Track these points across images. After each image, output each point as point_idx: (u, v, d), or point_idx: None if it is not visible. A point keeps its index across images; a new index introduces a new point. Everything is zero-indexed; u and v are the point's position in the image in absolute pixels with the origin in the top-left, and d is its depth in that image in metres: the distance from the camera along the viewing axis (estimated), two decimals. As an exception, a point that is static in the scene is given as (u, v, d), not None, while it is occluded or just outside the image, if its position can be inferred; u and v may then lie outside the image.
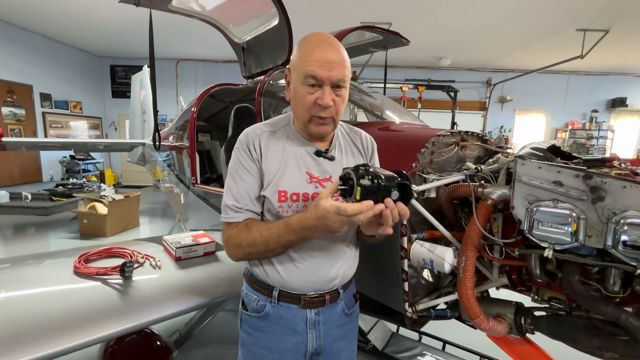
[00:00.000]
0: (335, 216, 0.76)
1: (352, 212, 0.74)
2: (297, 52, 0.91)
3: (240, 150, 0.97)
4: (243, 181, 0.95)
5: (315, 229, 0.83)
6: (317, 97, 0.88)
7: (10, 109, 6.92)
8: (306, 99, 0.89)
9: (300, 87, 0.89)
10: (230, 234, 0.95)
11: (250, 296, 1.03)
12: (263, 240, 0.90)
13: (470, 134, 1.52)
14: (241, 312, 1.06)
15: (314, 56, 0.86)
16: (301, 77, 0.88)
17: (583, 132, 9.17)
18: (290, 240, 0.89)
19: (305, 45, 0.90)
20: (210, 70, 9.30)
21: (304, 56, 0.88)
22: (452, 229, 1.30)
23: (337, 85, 0.89)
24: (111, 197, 4.96)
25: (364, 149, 1.08)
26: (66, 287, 1.32)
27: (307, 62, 0.87)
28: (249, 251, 0.93)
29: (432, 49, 7.69)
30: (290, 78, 0.94)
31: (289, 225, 0.86)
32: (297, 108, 0.94)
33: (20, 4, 5.80)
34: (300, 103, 0.91)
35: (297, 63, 0.90)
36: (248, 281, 1.06)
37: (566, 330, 1.03)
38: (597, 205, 0.88)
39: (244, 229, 0.93)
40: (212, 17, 2.64)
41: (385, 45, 2.95)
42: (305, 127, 0.95)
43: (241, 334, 1.06)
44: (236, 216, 0.95)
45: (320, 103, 0.88)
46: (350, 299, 1.10)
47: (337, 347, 1.05)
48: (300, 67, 0.89)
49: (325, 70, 0.86)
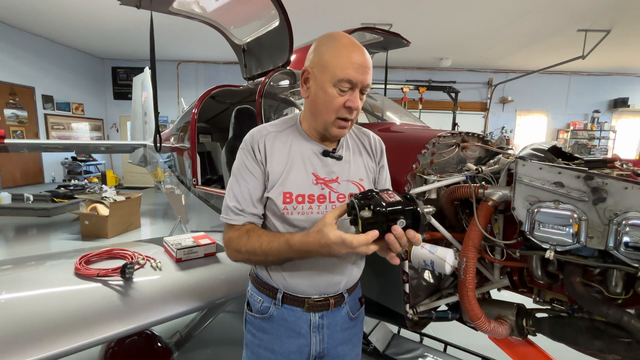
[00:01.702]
0: (341, 246, 0.76)
1: (358, 244, 0.74)
2: (327, 50, 0.89)
3: (245, 151, 0.96)
4: (246, 182, 0.94)
5: (317, 253, 0.83)
6: (346, 99, 0.88)
7: (12, 110, 6.95)
8: (336, 100, 0.88)
9: (331, 89, 0.88)
10: (231, 237, 0.94)
11: (255, 297, 1.02)
12: (262, 251, 0.89)
13: (471, 135, 1.52)
14: (246, 312, 1.05)
15: (351, 60, 0.86)
16: (334, 79, 0.87)
17: (585, 132, 9.14)
18: (291, 257, 0.89)
19: (337, 47, 0.88)
20: (211, 72, 9.32)
21: (339, 58, 0.86)
22: (452, 230, 1.30)
23: (363, 91, 0.90)
24: (112, 198, 4.97)
25: (373, 151, 1.07)
26: (67, 289, 1.32)
27: (344, 65, 0.86)
28: (247, 257, 0.93)
29: (433, 49, 7.69)
30: (314, 77, 0.91)
31: (290, 245, 0.86)
32: (320, 109, 0.91)
33: (23, 6, 5.83)
34: (327, 104, 0.89)
35: (328, 64, 0.87)
36: (253, 282, 1.05)
37: (568, 332, 1.03)
38: (599, 207, 0.88)
39: (244, 235, 0.92)
40: (213, 19, 2.65)
41: (386, 46, 2.96)
42: (325, 129, 0.93)
43: (246, 334, 1.06)
44: (237, 218, 0.94)
45: (352, 105, 0.88)
46: (356, 302, 1.08)
47: (341, 350, 1.04)
48: (333, 69, 0.87)
49: (359, 74, 0.86)
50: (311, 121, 0.96)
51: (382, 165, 1.09)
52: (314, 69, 0.91)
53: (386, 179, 1.11)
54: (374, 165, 1.06)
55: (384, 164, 1.09)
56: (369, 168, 1.04)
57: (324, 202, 0.93)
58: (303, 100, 0.99)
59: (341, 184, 0.96)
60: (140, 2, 2.24)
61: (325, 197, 0.94)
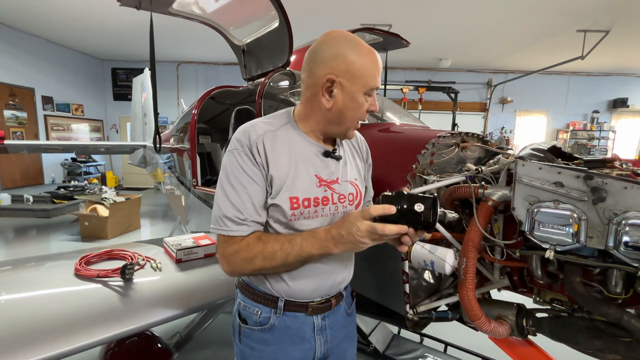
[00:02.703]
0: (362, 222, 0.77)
1: (375, 211, 0.76)
2: (355, 60, 0.84)
3: (241, 153, 0.86)
4: (245, 188, 0.85)
5: (341, 240, 0.81)
6: (370, 103, 0.91)
7: (12, 111, 6.94)
8: (364, 107, 0.90)
9: (361, 97, 0.88)
10: (237, 249, 0.85)
11: (251, 309, 0.95)
12: (284, 252, 0.83)
13: (471, 135, 1.52)
14: (239, 325, 0.97)
15: (378, 67, 0.89)
16: (366, 87, 0.87)
17: (584, 132, 9.14)
18: (312, 253, 0.84)
19: (363, 55, 0.86)
20: (211, 73, 9.32)
21: (368, 67, 0.86)
22: (452, 230, 1.30)
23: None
24: (112, 199, 4.97)
25: (360, 149, 1.07)
26: (67, 290, 1.32)
27: (374, 73, 0.88)
28: (262, 265, 0.85)
29: (433, 50, 7.70)
30: (341, 87, 0.86)
31: (314, 235, 0.84)
32: (348, 117, 0.90)
33: (22, 8, 5.83)
34: (355, 112, 0.90)
35: (359, 74, 0.85)
36: (244, 292, 0.98)
37: (568, 332, 1.03)
38: (598, 206, 0.88)
39: (257, 242, 0.85)
40: (212, 20, 2.65)
41: (386, 47, 2.96)
42: (344, 135, 0.94)
43: (242, 348, 0.98)
44: (239, 229, 0.85)
45: (374, 109, 0.92)
46: (349, 297, 1.09)
47: (342, 347, 1.04)
48: (365, 79, 0.86)
49: (378, 79, 0.90)
50: (325, 127, 0.92)
51: (369, 164, 1.10)
52: (341, 79, 0.85)
53: (370, 178, 1.12)
54: (363, 164, 1.06)
55: (370, 162, 1.11)
56: (359, 167, 1.04)
57: (328, 204, 0.92)
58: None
59: (341, 184, 0.95)
60: (140, 3, 2.25)
61: (329, 199, 0.92)
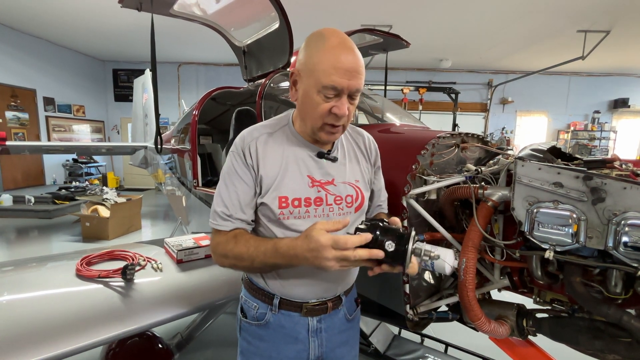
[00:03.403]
0: (330, 250, 0.73)
1: (352, 244, 0.73)
2: (313, 53, 0.82)
3: (235, 154, 0.92)
4: (234, 187, 0.90)
5: (304, 259, 0.78)
6: (332, 105, 0.82)
7: (13, 113, 6.97)
8: (321, 107, 0.83)
9: (316, 95, 0.82)
10: (218, 242, 0.91)
11: (250, 303, 0.99)
12: (249, 256, 0.85)
13: (471, 136, 1.52)
14: (240, 319, 1.02)
15: (337, 64, 0.79)
16: (318, 85, 0.81)
17: (585, 133, 9.13)
18: (277, 263, 0.84)
19: (322, 49, 0.81)
20: (212, 74, 9.34)
21: (324, 62, 0.80)
22: (452, 230, 1.30)
23: (353, 96, 0.84)
24: (113, 200, 4.98)
25: (367, 151, 1.05)
26: (68, 290, 1.32)
27: (328, 70, 0.79)
28: (234, 263, 0.89)
29: (433, 51, 7.70)
30: (300, 80, 0.86)
31: (276, 249, 0.82)
32: (308, 114, 0.87)
33: (24, 8, 5.85)
34: (312, 111, 0.85)
35: (313, 67, 0.81)
36: (247, 288, 1.02)
37: (568, 332, 1.03)
38: (598, 207, 0.88)
39: (231, 239, 0.88)
40: (213, 21, 2.66)
41: (386, 47, 2.97)
42: (314, 134, 0.89)
43: (240, 341, 1.03)
44: (224, 224, 0.90)
45: (337, 112, 0.82)
46: (352, 304, 1.08)
47: (339, 353, 1.03)
48: (318, 74, 0.80)
49: (346, 79, 0.80)
50: (302, 124, 0.93)
51: (377, 167, 1.08)
52: (301, 72, 0.86)
53: (381, 180, 1.10)
54: (369, 166, 1.04)
55: (379, 164, 1.08)
56: (364, 169, 1.02)
57: (321, 205, 0.92)
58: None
59: (337, 185, 0.94)
60: (141, 4, 2.25)
61: (322, 200, 0.92)
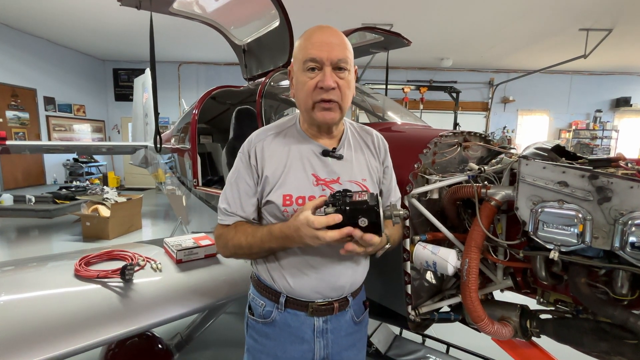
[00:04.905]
0: (307, 228, 0.77)
1: (319, 224, 0.76)
2: (298, 44, 0.91)
3: (240, 155, 0.98)
4: (237, 186, 0.96)
5: (293, 240, 0.84)
6: (318, 80, 0.85)
7: (14, 112, 6.97)
8: (307, 84, 0.86)
9: (302, 75, 0.87)
10: (221, 233, 0.98)
11: (257, 301, 1.01)
12: (247, 243, 0.91)
13: (473, 135, 1.50)
14: (248, 316, 1.04)
15: (312, 39, 0.86)
16: (301, 65, 0.87)
17: (587, 132, 9.10)
18: (272, 247, 0.89)
19: (304, 35, 0.90)
20: (212, 73, 9.34)
21: (302, 43, 0.88)
22: (455, 230, 1.29)
23: (339, 67, 0.86)
24: (114, 199, 4.98)
25: (376, 149, 1.04)
26: (67, 290, 1.31)
27: (305, 47, 0.86)
28: (234, 251, 0.95)
29: (434, 49, 7.68)
30: (293, 72, 0.94)
31: (270, 232, 0.87)
32: (300, 98, 0.91)
33: (24, 8, 5.85)
34: (302, 92, 0.89)
35: (297, 53, 0.90)
36: (255, 285, 1.04)
37: (573, 334, 1.01)
38: (604, 206, 0.86)
39: (232, 230, 0.95)
40: (213, 20, 2.65)
41: (387, 46, 2.95)
42: (310, 118, 0.91)
43: (247, 339, 1.04)
44: (226, 219, 0.97)
45: (322, 85, 0.85)
46: (360, 306, 1.06)
47: (345, 356, 1.02)
48: (299, 55, 0.88)
49: (324, 51, 0.84)
50: (301, 116, 0.97)
51: (386, 166, 1.06)
52: (293, 66, 0.94)
53: (391, 180, 1.08)
54: (377, 165, 1.03)
55: (388, 164, 1.06)
56: (372, 167, 1.01)
57: None
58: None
59: (343, 184, 0.93)
60: (140, 3, 2.24)
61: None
